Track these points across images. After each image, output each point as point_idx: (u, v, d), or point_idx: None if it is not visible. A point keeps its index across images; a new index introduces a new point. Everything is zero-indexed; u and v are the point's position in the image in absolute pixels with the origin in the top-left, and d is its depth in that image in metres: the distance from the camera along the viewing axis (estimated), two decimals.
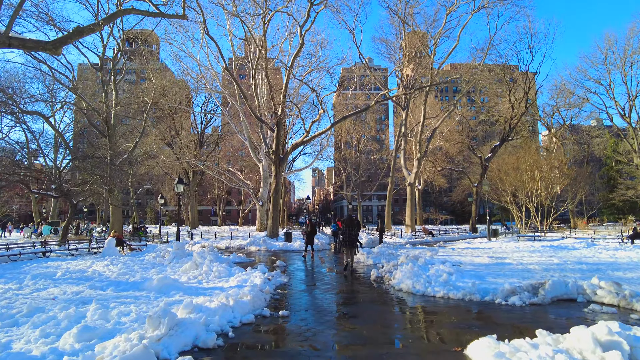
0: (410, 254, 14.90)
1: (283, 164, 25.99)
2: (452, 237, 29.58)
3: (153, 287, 8.65)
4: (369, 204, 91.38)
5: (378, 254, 14.92)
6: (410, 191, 31.22)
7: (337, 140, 63.75)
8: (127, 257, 15.94)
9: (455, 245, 22.48)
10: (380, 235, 20.70)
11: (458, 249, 19.45)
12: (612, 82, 44.68)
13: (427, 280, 9.34)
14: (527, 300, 7.69)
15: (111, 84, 26.51)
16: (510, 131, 38.25)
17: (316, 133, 25.62)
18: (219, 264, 11.89)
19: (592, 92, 46.36)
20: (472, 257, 15.36)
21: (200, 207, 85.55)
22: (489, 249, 19.36)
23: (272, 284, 9.79)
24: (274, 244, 22.21)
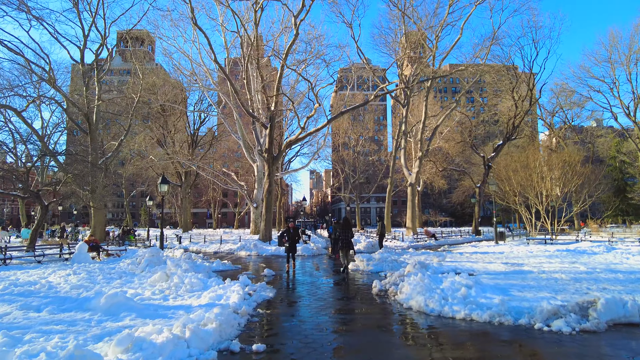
0: (416, 260, 13.13)
1: (277, 163, 24.21)
2: (456, 240, 27.79)
3: (100, 306, 6.83)
4: (367, 205, 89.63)
5: (379, 261, 13.12)
6: (411, 192, 29.47)
7: (335, 141, 62.08)
8: (99, 265, 14.10)
9: (462, 249, 20.71)
10: (381, 239, 18.91)
11: (466, 253, 17.68)
12: (616, 80, 43.17)
13: (442, 296, 7.55)
14: (575, 325, 5.91)
15: (94, 78, 24.68)
16: (513, 130, 36.63)
17: (312, 130, 23.88)
18: (194, 274, 10.07)
19: (596, 91, 44.75)
20: (485, 264, 13.59)
21: (195, 209, 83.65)
22: (499, 253, 17.59)
23: (253, 301, 7.99)
24: (266, 249, 20.40)
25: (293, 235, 13.14)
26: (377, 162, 68.71)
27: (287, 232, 13.11)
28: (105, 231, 25.81)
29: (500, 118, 42.58)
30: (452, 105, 31.85)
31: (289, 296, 9.04)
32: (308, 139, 54.98)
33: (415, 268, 9.93)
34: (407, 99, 31.14)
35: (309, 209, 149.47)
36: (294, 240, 13.13)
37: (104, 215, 24.98)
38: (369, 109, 76.96)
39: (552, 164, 21.44)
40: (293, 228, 13.38)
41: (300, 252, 18.88)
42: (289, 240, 12.98)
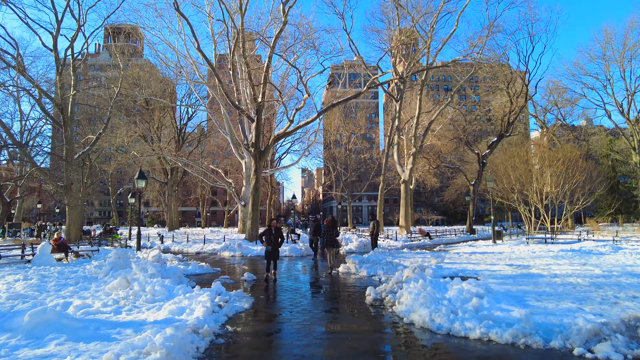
0: (413, 262, 11.84)
1: (264, 158, 22.78)
2: (451, 239, 26.63)
3: (24, 326, 5.37)
4: (358, 204, 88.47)
5: (373, 263, 11.77)
6: (405, 189, 28.23)
7: (327, 138, 60.71)
8: (61, 268, 12.54)
9: (458, 249, 19.49)
10: (374, 238, 17.56)
11: (464, 253, 16.44)
12: (611, 78, 42.47)
13: (450, 309, 6.22)
14: (626, 350, 4.62)
15: (69, 68, 22.96)
16: (508, 126, 35.62)
17: (302, 123, 22.47)
18: (160, 281, 8.64)
19: (590, 88, 44.04)
20: (488, 266, 12.33)
21: (184, 208, 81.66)
22: (499, 253, 16.39)
23: (223, 315, 6.59)
24: (252, 249, 18.94)
25: (275, 237, 10.58)
26: (369, 160, 67.51)
27: (268, 232, 10.51)
28: (80, 230, 24.11)
29: (494, 115, 41.55)
30: (446, 101, 30.65)
31: (268, 308, 7.65)
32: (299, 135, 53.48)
33: (415, 273, 8.60)
34: (401, 94, 29.88)
35: (301, 207, 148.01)
36: (276, 243, 10.63)
37: (79, 213, 23.29)
38: (360, 105, 75.76)
39: (552, 160, 20.35)
40: (276, 228, 10.77)
41: (287, 253, 17.50)
42: (271, 243, 10.43)
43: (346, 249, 19.31)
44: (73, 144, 22.11)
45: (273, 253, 10.50)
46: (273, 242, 10.53)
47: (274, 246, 10.57)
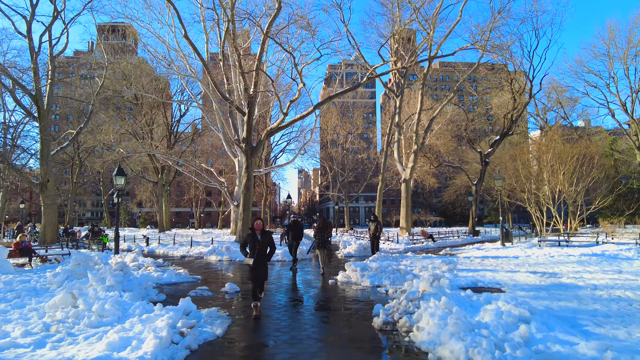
0: (421, 268, 10.15)
1: (256, 154, 21.03)
2: (455, 241, 24.94)
3: None
4: (355, 205, 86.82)
5: (377, 271, 10.03)
6: (406, 188, 26.53)
7: (323, 137, 59.06)
8: (12, 277, 10.71)
9: (466, 252, 17.80)
10: (375, 242, 15.81)
11: (475, 258, 14.74)
12: (615, 75, 41.11)
13: (493, 342, 4.49)
14: None
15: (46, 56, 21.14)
16: (511, 124, 34.10)
17: (296, 117, 20.74)
18: (116, 295, 6.90)
19: (593, 86, 42.71)
20: (507, 274, 10.65)
21: (178, 208, 79.66)
22: (514, 258, 14.71)
23: (184, 347, 4.85)
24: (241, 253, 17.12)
25: (262, 246, 6.57)
26: (367, 160, 65.89)
27: (252, 238, 6.59)
28: (57, 232, 22.23)
29: (495, 114, 40.03)
30: (449, 96, 29.03)
31: (246, 334, 5.87)
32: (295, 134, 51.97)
33: (433, 286, 6.86)
34: (401, 88, 28.22)
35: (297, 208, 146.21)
36: (263, 254, 6.59)
37: (55, 211, 21.40)
38: (357, 105, 74.19)
39: (567, 156, 18.72)
40: (262, 232, 6.66)
41: (280, 257, 15.73)
42: (256, 255, 6.49)
43: (344, 253, 17.58)
44: (49, 138, 20.25)
45: (259, 271, 6.53)
46: (257, 253, 6.45)
47: (259, 260, 6.46)
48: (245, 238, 6.85)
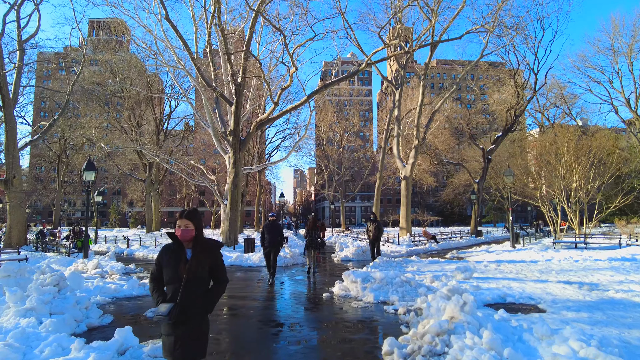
0: (432, 277, 8.32)
1: (245, 147, 19.12)
2: (459, 243, 23.15)
3: None
4: (352, 204, 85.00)
5: (383, 282, 8.14)
6: (406, 186, 24.70)
7: (319, 135, 57.16)
8: None
9: (476, 255, 16.00)
10: (376, 245, 13.91)
11: (489, 263, 12.89)
12: (619, 70, 39.57)
13: None
14: None
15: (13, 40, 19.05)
16: (515, 119, 32.45)
17: (288, 107, 18.84)
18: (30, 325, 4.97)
19: (596, 82, 41.12)
20: (538, 285, 8.81)
21: (170, 208, 77.40)
22: (532, 262, 12.92)
23: None
24: (226, 256, 15.22)
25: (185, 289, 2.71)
26: (363, 158, 64.17)
27: (168, 254, 2.83)
28: (24, 233, 20.16)
29: (496, 109, 38.30)
30: (455, 85, 27.18)
31: None
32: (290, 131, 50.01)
33: (465, 311, 4.96)
34: (401, 80, 26.38)
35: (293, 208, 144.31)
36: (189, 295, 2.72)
37: (22, 212, 19.35)
38: (354, 102, 72.36)
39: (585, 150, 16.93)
40: (183, 237, 2.79)
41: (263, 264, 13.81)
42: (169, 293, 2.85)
43: (341, 257, 15.70)
44: (14, 129, 18.17)
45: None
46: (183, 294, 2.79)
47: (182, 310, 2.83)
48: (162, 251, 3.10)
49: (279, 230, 10.17)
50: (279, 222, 10.64)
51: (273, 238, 9.91)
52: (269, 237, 9.89)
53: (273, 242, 9.90)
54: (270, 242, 9.89)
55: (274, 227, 10.10)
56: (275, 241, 9.94)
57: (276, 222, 10.28)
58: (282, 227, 10.35)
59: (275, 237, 9.96)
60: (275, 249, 9.98)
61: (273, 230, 10.01)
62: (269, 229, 9.99)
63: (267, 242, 9.89)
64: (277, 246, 10.02)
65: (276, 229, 10.08)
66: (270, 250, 9.93)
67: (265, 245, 9.97)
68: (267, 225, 10.12)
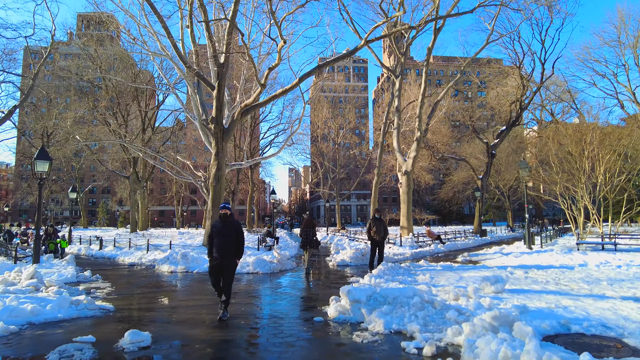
0: (447, 283, 6.11)
1: (228, 137, 16.80)
2: (466, 243, 21.03)
3: None
4: (347, 203, 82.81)
5: (396, 304, 5.86)
6: (407, 182, 22.51)
7: (314, 131, 54.86)
8: None
9: (493, 259, 13.83)
10: (378, 248, 11.61)
11: (514, 269, 10.68)
12: (626, 63, 37.65)
13: None
14: None
15: None
16: (520, 112, 30.43)
17: (278, 91, 16.54)
18: None
19: (600, 75, 39.18)
20: (598, 302, 6.61)
21: (161, 207, 74.66)
22: (567, 268, 10.75)
23: None
24: (202, 261, 12.90)
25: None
26: (359, 156, 61.94)
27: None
28: None
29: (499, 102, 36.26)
30: (459, 74, 25.07)
31: None
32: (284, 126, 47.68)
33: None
34: (402, 68, 24.19)
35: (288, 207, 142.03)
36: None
37: None
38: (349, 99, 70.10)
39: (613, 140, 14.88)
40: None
41: (251, 268, 11.56)
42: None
43: (337, 260, 13.43)
44: None
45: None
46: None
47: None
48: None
49: (236, 231, 6.19)
50: (234, 219, 6.46)
51: (224, 243, 6.02)
52: (218, 242, 6.05)
53: (224, 250, 6.01)
54: (220, 251, 6.01)
55: (227, 226, 6.16)
56: (227, 249, 6.02)
57: (230, 219, 6.27)
58: (241, 225, 6.54)
59: (228, 242, 6.04)
60: (228, 263, 6.05)
61: (225, 230, 6.12)
62: (220, 230, 6.14)
63: (216, 251, 6.06)
64: (230, 258, 6.08)
65: (231, 229, 6.14)
66: (219, 265, 6.01)
67: (212, 255, 6.15)
68: (217, 223, 6.27)
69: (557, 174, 16.12)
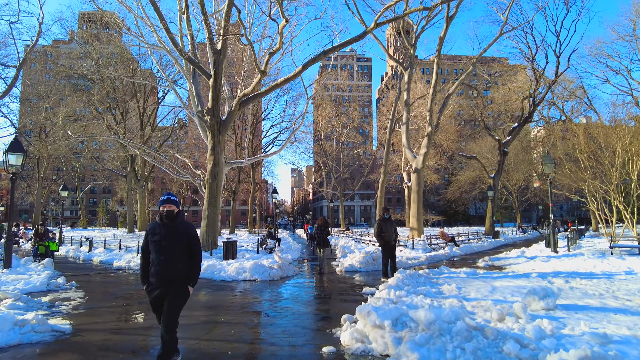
0: (479, 295, 4.61)
1: (225, 129, 15.39)
2: (481, 246, 19.49)
3: None
4: (350, 203, 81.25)
5: (432, 330, 4.37)
6: (417, 180, 20.99)
7: (317, 130, 53.42)
8: None
9: (519, 264, 12.33)
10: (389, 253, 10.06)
11: (554, 278, 9.16)
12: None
13: None
14: None
15: None
16: (534, 108, 28.87)
17: (279, 80, 15.09)
18: None
19: (614, 71, 37.54)
20: None
21: None
22: (610, 275, 9.25)
23: None
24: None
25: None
26: (362, 155, 60.44)
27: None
28: None
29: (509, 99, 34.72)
30: (471, 66, 23.56)
31: None
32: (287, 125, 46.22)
33: None
34: (411, 59, 22.69)
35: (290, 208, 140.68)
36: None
37: None
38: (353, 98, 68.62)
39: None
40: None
41: (248, 275, 10.11)
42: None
43: (345, 266, 11.91)
44: None
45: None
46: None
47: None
48: None
49: (186, 239, 3.83)
50: (184, 219, 4.02)
51: (166, 260, 3.72)
52: (156, 259, 3.74)
53: (166, 270, 3.72)
54: (160, 272, 3.73)
55: (171, 231, 3.79)
56: (170, 269, 3.72)
57: (178, 220, 3.87)
58: (195, 229, 4.03)
59: (172, 257, 3.74)
60: (172, 293, 3.73)
61: (168, 239, 3.75)
62: (160, 238, 3.76)
63: (154, 273, 3.76)
64: (176, 283, 3.74)
65: (177, 237, 3.78)
66: (159, 296, 3.76)
67: (148, 280, 3.85)
68: (155, 228, 3.83)
69: (585, 170, 14.58)
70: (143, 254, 3.93)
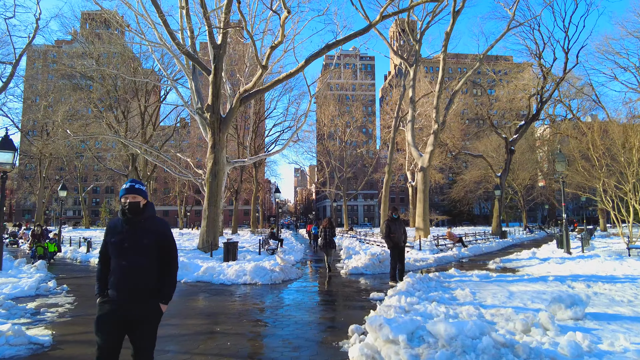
0: (498, 303, 4.03)
1: (226, 127, 14.89)
2: (490, 246, 18.88)
3: None
4: (354, 203, 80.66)
5: (453, 347, 3.82)
6: (423, 179, 20.41)
7: (320, 129, 52.87)
8: None
9: (532, 266, 11.74)
10: (398, 254, 9.51)
11: (574, 282, 8.58)
12: None
13: None
14: None
15: None
16: (541, 106, 28.22)
17: (282, 75, 14.56)
18: None
19: (623, 68, 36.75)
20: None
21: (165, 207, 72.99)
22: (634, 280, 8.62)
23: None
24: (196, 266, 10.94)
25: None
26: (366, 154, 59.83)
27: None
28: None
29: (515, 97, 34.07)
30: (478, 62, 22.95)
31: None
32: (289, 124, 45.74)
33: None
34: (416, 55, 22.11)
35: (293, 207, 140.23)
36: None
37: None
38: (356, 97, 68.02)
39: None
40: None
41: (248, 278, 9.59)
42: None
43: (350, 268, 11.35)
44: None
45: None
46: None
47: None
48: None
49: (157, 240, 2.72)
50: (154, 214, 2.83)
51: (131, 269, 2.62)
52: (118, 266, 2.63)
53: (131, 281, 2.61)
54: (121, 283, 2.60)
55: (137, 231, 2.69)
56: (137, 280, 2.62)
57: (145, 214, 2.74)
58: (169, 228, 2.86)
59: (139, 266, 2.63)
60: (140, 312, 2.61)
61: (133, 240, 2.66)
62: (122, 239, 2.65)
63: (113, 282, 2.63)
64: (144, 299, 2.62)
65: (144, 237, 2.68)
66: (119, 314, 2.58)
67: (103, 292, 2.69)
68: (117, 225, 2.74)
69: (600, 168, 13.97)
70: (101, 259, 2.78)
